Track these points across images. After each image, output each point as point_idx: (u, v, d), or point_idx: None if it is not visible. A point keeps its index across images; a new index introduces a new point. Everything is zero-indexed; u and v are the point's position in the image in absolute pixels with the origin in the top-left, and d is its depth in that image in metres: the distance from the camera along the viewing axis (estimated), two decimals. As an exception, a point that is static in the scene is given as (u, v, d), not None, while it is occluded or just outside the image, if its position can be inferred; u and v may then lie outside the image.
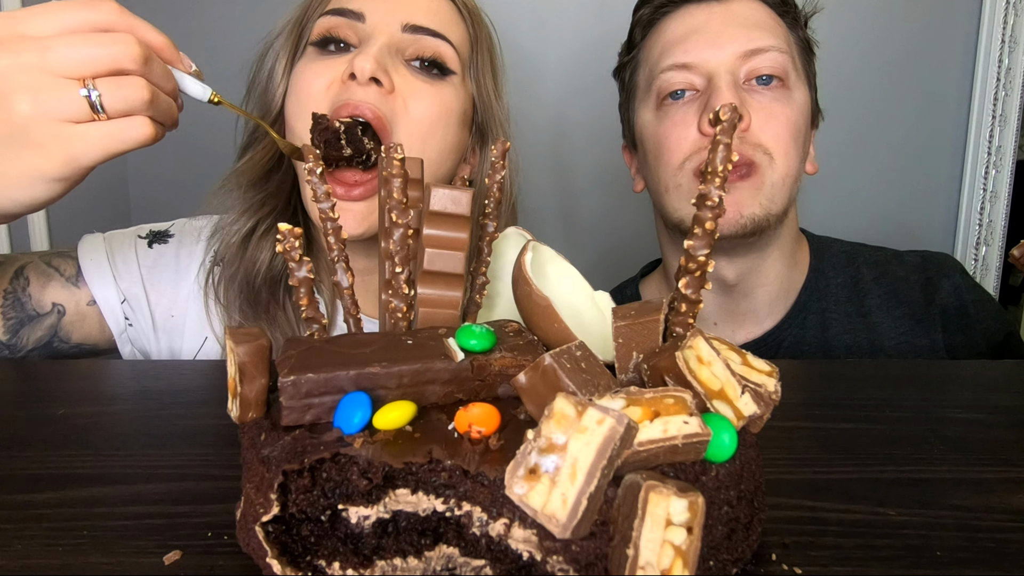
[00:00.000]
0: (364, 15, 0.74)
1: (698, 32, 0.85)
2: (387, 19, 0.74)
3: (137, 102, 0.48)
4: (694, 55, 0.84)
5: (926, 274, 0.94)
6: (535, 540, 0.33)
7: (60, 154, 0.48)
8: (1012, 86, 1.64)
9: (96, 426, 0.56)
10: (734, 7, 0.86)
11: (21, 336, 0.75)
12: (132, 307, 0.81)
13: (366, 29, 0.74)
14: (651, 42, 0.91)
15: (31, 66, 0.46)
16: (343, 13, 0.75)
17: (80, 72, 0.47)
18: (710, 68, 0.83)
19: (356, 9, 0.75)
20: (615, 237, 1.69)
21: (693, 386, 0.34)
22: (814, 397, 0.62)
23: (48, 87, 0.46)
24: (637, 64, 0.93)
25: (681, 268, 0.39)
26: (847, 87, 1.63)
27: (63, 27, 0.48)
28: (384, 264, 0.43)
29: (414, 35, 0.75)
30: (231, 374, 0.37)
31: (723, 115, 0.37)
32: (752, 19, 0.85)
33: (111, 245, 0.82)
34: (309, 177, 0.43)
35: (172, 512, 0.43)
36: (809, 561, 0.38)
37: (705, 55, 0.84)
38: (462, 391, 0.37)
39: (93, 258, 0.79)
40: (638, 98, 0.93)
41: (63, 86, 0.47)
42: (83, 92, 0.47)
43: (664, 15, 0.89)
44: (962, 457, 0.50)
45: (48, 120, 0.47)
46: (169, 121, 0.53)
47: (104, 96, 0.47)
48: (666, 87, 0.86)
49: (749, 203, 0.82)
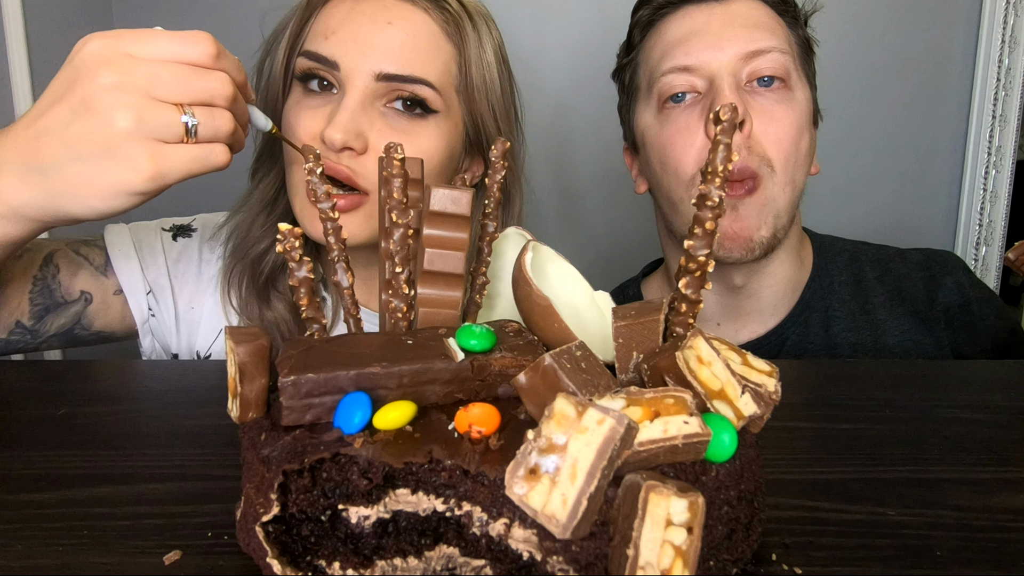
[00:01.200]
0: (338, 63, 0.73)
1: (699, 33, 0.84)
2: (360, 67, 0.73)
3: (224, 132, 0.55)
4: (695, 57, 0.83)
5: (929, 272, 0.94)
6: (535, 540, 0.33)
7: (149, 170, 0.52)
8: (1012, 86, 1.64)
9: (96, 426, 0.56)
10: (734, 7, 0.85)
11: (45, 322, 0.76)
12: (157, 299, 0.83)
13: (340, 77, 0.74)
14: (651, 43, 0.90)
15: (138, 88, 0.51)
16: (319, 59, 0.74)
17: (181, 100, 0.53)
18: (711, 70, 0.83)
19: (329, 56, 0.73)
20: (615, 237, 1.69)
21: (693, 386, 0.34)
22: (814, 397, 0.62)
23: (152, 109, 0.51)
24: (637, 66, 0.93)
25: (681, 268, 0.39)
26: (847, 87, 1.63)
27: (167, 56, 0.52)
28: (384, 264, 0.43)
29: (389, 83, 0.74)
30: (231, 374, 0.37)
31: (723, 115, 0.37)
32: (753, 19, 0.85)
33: (137, 236, 0.84)
34: (309, 177, 0.43)
35: (172, 512, 0.43)
36: (809, 561, 0.38)
37: (706, 57, 0.83)
38: (462, 391, 0.37)
39: (122, 248, 0.81)
40: (639, 100, 0.92)
41: (166, 109, 0.52)
42: (184, 118, 0.52)
43: (663, 16, 0.89)
44: (962, 457, 0.50)
45: (145, 138, 0.52)
46: (239, 148, 0.58)
47: (200, 124, 0.53)
48: (667, 90, 0.85)
49: (757, 226, 0.82)
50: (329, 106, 0.75)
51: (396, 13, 0.75)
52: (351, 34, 0.74)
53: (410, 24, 0.75)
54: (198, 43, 0.54)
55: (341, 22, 0.75)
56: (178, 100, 0.53)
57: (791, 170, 0.83)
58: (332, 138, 0.71)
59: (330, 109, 0.74)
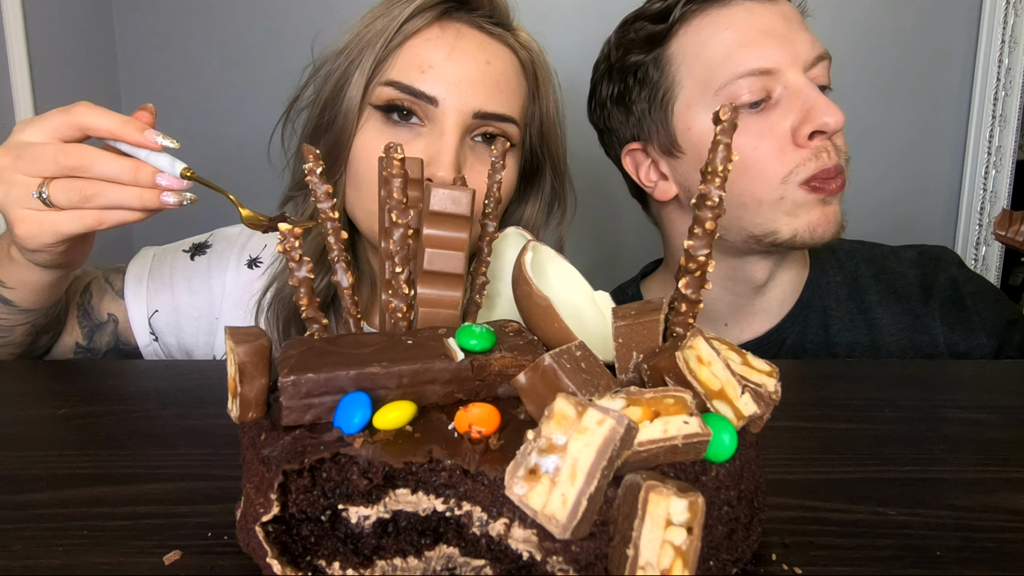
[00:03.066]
0: (437, 100, 0.73)
1: (770, 34, 0.80)
2: (461, 106, 0.73)
3: (77, 200, 0.63)
4: (771, 60, 0.79)
5: (923, 269, 0.94)
6: (535, 540, 0.33)
7: (36, 227, 0.64)
8: (1012, 86, 1.64)
9: (96, 426, 0.56)
10: (785, 8, 0.84)
11: (95, 340, 0.86)
12: (165, 320, 0.86)
13: (437, 113, 0.74)
14: (699, 38, 0.83)
15: (8, 167, 0.63)
16: (415, 93, 0.73)
17: (40, 175, 0.62)
18: (789, 77, 0.80)
19: (429, 92, 0.73)
20: (616, 237, 1.69)
21: (693, 386, 0.34)
22: (814, 397, 0.62)
23: (15, 184, 0.63)
24: (671, 60, 0.85)
25: (681, 268, 0.39)
26: (847, 87, 1.63)
27: (40, 138, 0.63)
28: (384, 264, 0.43)
29: (484, 120, 0.75)
30: (231, 374, 0.37)
31: (723, 115, 0.37)
32: (800, 22, 0.84)
33: (157, 261, 0.88)
34: (310, 177, 0.43)
35: (172, 512, 0.43)
36: (809, 561, 0.38)
37: (780, 60, 0.79)
38: (462, 391, 0.37)
39: (136, 274, 0.87)
40: (682, 100, 0.84)
41: (26, 184, 0.62)
42: (34, 193, 0.62)
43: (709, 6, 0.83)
44: (962, 457, 0.50)
45: (17, 206, 0.63)
46: (138, 203, 0.63)
47: (52, 195, 0.62)
48: (743, 94, 0.80)
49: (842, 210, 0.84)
50: (419, 140, 0.74)
51: (493, 52, 0.77)
52: (453, 72, 0.74)
53: (503, 64, 0.77)
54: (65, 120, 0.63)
55: (443, 59, 0.74)
56: (38, 175, 0.62)
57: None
58: (445, 180, 0.72)
59: (422, 143, 0.74)
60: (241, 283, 0.86)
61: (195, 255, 0.88)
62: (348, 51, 0.77)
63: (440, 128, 0.74)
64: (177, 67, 1.68)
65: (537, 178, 0.87)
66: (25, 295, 0.73)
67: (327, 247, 0.43)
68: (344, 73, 0.77)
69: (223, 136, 1.64)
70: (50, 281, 0.72)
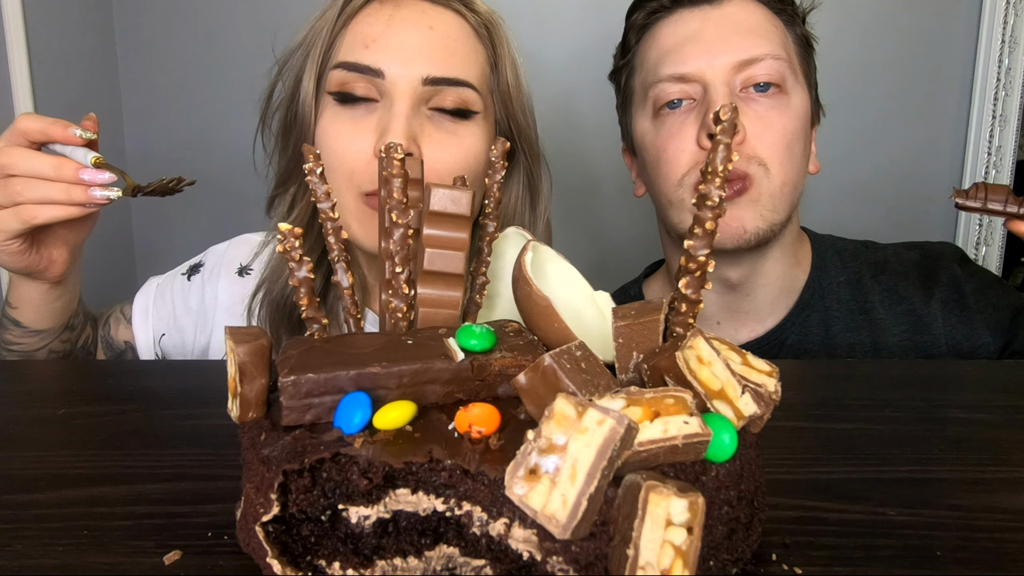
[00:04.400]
0: (382, 71, 0.73)
1: (693, 41, 0.84)
2: (407, 74, 0.73)
3: (8, 197, 0.67)
4: (691, 65, 0.83)
5: (925, 269, 0.94)
6: (535, 540, 0.33)
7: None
8: (1012, 86, 1.64)
9: (96, 426, 0.56)
10: (729, 11, 0.85)
11: None
12: (171, 341, 0.89)
13: (386, 85, 0.73)
14: (645, 47, 0.90)
15: None
16: (360, 69, 0.73)
17: None
18: (706, 79, 0.83)
19: (373, 65, 0.73)
20: (616, 237, 1.69)
21: (693, 386, 0.34)
22: (814, 397, 0.62)
23: None
24: (632, 69, 0.93)
25: (681, 268, 0.39)
26: (847, 86, 1.63)
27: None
28: (384, 264, 0.43)
29: (435, 87, 0.73)
30: (231, 374, 0.37)
31: (723, 115, 0.37)
32: (747, 24, 0.84)
33: (159, 288, 0.92)
34: (310, 177, 0.43)
35: (172, 512, 0.43)
36: (809, 561, 0.38)
37: (700, 65, 0.83)
38: (462, 391, 0.37)
39: (141, 304, 0.91)
40: (635, 104, 0.93)
41: None
42: None
43: (658, 20, 0.89)
44: (962, 457, 0.50)
45: None
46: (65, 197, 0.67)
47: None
48: (663, 97, 0.86)
49: (751, 217, 0.82)
50: (373, 116, 0.74)
51: (435, 17, 0.76)
52: (394, 41, 0.73)
53: (449, 28, 0.76)
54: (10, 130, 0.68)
55: (382, 30, 0.74)
56: None
57: (785, 170, 0.84)
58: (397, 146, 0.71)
59: (376, 119, 0.73)
60: (232, 291, 0.87)
61: (191, 275, 0.91)
62: (304, 44, 0.78)
63: (390, 99, 0.73)
64: (177, 67, 1.68)
65: (513, 156, 0.85)
66: (30, 314, 0.77)
67: (327, 247, 0.43)
68: (301, 67, 0.78)
69: (223, 135, 1.64)
70: (47, 299, 0.77)
